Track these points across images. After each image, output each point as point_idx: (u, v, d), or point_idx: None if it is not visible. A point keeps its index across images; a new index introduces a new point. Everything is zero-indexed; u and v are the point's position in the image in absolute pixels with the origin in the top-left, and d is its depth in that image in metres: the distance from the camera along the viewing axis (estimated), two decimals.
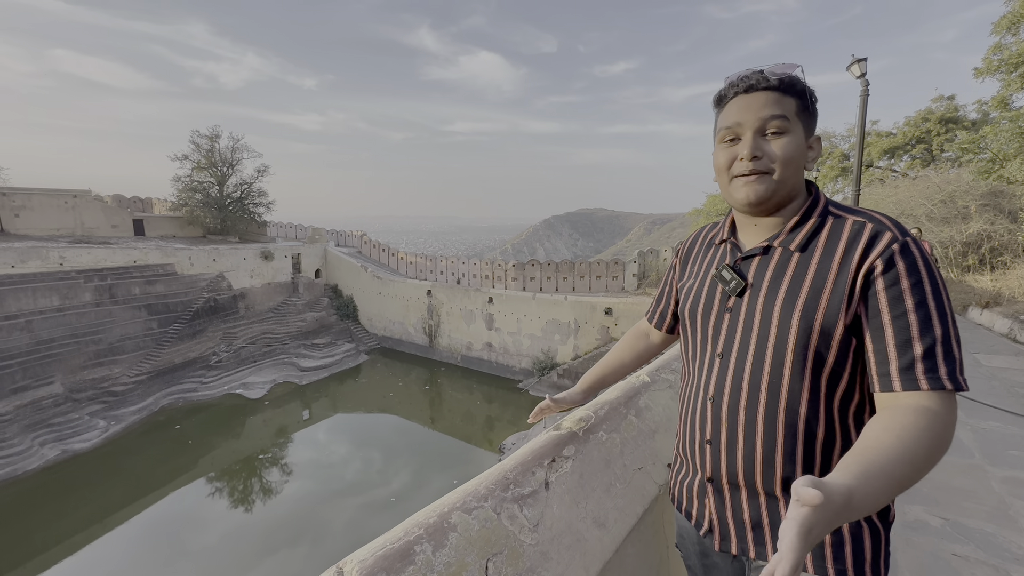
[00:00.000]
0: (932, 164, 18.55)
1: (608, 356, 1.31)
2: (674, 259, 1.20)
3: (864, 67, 7.14)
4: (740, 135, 0.87)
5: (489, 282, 27.53)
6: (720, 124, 0.90)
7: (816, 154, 0.90)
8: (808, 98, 0.86)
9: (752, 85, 0.85)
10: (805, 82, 0.86)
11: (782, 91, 0.84)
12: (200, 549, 13.53)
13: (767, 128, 0.85)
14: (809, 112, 0.87)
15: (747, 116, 0.85)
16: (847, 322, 0.81)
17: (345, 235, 35.83)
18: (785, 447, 0.86)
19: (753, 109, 0.85)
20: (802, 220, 0.89)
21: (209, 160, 29.40)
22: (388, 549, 0.80)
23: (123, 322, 21.64)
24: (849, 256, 0.82)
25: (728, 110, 0.89)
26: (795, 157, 0.85)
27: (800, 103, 0.85)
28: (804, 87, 0.86)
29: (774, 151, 0.85)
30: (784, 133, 0.84)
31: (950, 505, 2.48)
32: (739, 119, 0.86)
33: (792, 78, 0.85)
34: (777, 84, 0.84)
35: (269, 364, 25.59)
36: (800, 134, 0.86)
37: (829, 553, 0.86)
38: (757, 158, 0.85)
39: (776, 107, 0.84)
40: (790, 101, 0.84)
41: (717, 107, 0.93)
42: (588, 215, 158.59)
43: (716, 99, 0.93)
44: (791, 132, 0.84)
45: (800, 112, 0.86)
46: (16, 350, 18.34)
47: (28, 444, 17.06)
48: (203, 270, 25.45)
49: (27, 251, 19.93)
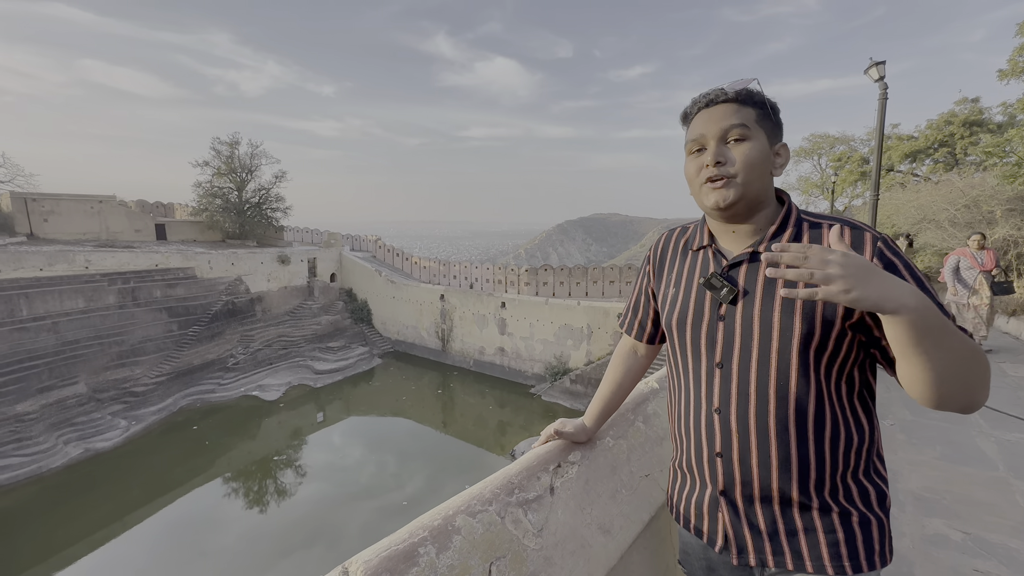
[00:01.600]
0: (955, 168, 18.10)
1: (604, 385, 1.30)
2: (646, 265, 1.18)
3: (882, 70, 7.02)
4: (705, 145, 0.92)
5: (502, 287, 27.58)
6: (688, 138, 0.96)
7: (783, 160, 0.94)
8: (768, 107, 0.91)
9: (712, 99, 0.92)
10: (763, 94, 0.92)
11: (740, 103, 0.90)
12: (218, 550, 13.75)
13: (728, 136, 0.90)
14: (771, 120, 0.92)
15: (710, 127, 0.91)
16: (850, 320, 0.84)
17: (360, 240, 36.29)
18: (799, 451, 0.88)
19: (715, 120, 0.91)
20: (782, 226, 0.93)
21: (229, 166, 30.09)
22: (392, 550, 0.82)
23: (145, 324, 22.19)
24: None
25: (694, 124, 0.95)
26: (758, 161, 0.89)
27: (760, 112, 0.91)
28: (763, 98, 0.92)
29: (736, 156, 0.89)
30: (745, 139, 0.89)
31: (972, 519, 2.41)
32: (703, 131, 0.92)
33: (748, 90, 0.91)
34: (735, 97, 0.90)
35: (284, 367, 25.99)
36: (763, 140, 0.90)
37: (844, 551, 0.88)
38: (720, 163, 0.90)
39: (735, 117, 0.90)
40: (749, 111, 0.90)
41: (684, 124, 0.99)
42: (602, 220, 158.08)
43: (682, 116, 0.99)
44: (752, 138, 0.89)
45: (760, 120, 0.90)
46: (43, 351, 18.93)
47: (53, 442, 17.55)
48: (222, 274, 26.00)
49: (55, 254, 20.59)
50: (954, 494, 2.65)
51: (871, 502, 0.90)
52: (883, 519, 0.91)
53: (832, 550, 0.88)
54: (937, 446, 3.28)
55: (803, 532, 0.90)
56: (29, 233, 23.69)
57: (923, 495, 2.66)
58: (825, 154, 27.33)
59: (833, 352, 0.86)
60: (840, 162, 25.41)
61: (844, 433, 0.88)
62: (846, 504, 0.89)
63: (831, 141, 26.85)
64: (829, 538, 0.89)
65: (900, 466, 3.01)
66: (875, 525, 0.90)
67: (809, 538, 0.90)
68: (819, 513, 0.89)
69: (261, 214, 31.05)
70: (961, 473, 2.91)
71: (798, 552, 0.91)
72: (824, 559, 0.89)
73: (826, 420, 0.87)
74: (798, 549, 0.91)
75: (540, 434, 1.29)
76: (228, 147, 30.20)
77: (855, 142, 25.80)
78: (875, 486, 0.91)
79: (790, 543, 0.91)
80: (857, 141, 25.67)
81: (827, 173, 26.11)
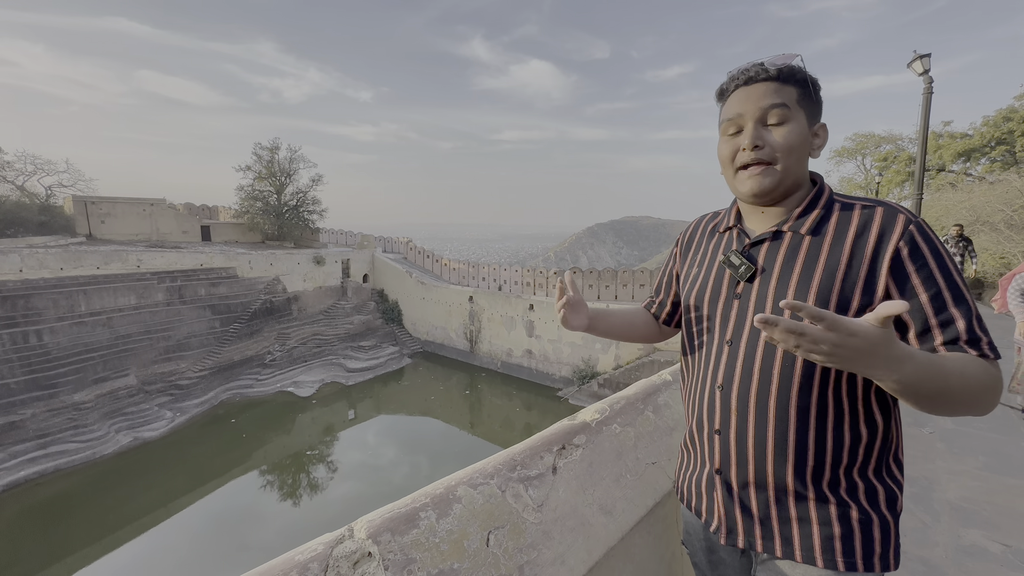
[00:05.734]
0: (1014, 167, 16.97)
1: (621, 310, 1.25)
2: (674, 248, 1.18)
3: (927, 63, 6.69)
4: (742, 126, 0.88)
5: (530, 289, 27.58)
6: (723, 117, 0.92)
7: (821, 141, 0.90)
8: (810, 86, 0.86)
9: (752, 77, 0.86)
10: (805, 70, 0.87)
11: (781, 81, 0.85)
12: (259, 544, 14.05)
13: (768, 117, 0.85)
14: (812, 100, 0.87)
15: (748, 107, 0.86)
16: (866, 303, 0.81)
17: (392, 242, 37.04)
18: (798, 435, 0.85)
19: (753, 99, 0.85)
20: (810, 205, 0.89)
21: (269, 170, 31.32)
22: (395, 513, 0.87)
23: (190, 320, 23.34)
24: (863, 238, 0.82)
25: (730, 102, 0.90)
26: (797, 145, 0.85)
27: (801, 91, 0.86)
28: (805, 76, 0.86)
29: (776, 140, 0.85)
30: (785, 121, 0.84)
31: (1012, 531, 2.28)
32: (740, 110, 0.87)
33: (791, 67, 0.85)
34: (776, 74, 0.85)
35: (318, 364, 26.77)
36: (803, 122, 0.86)
37: (839, 546, 0.85)
38: (759, 147, 0.86)
39: (776, 96, 0.84)
40: (790, 90, 0.85)
41: (720, 100, 0.94)
42: (633, 223, 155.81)
43: (718, 93, 0.94)
44: (793, 120, 0.85)
45: (801, 100, 0.86)
46: (99, 344, 20.18)
47: (106, 431, 18.67)
48: (261, 274, 27.06)
49: (110, 254, 21.94)
50: (996, 505, 2.52)
51: (878, 502, 0.86)
52: (889, 520, 0.86)
53: (825, 543, 0.85)
54: (980, 456, 3.11)
55: (796, 521, 0.88)
56: (88, 234, 25.34)
57: (961, 505, 2.53)
58: (870, 154, 26.12)
59: None
60: (886, 162, 24.24)
61: (850, 426, 0.84)
62: (848, 499, 0.85)
63: (876, 140, 25.64)
64: (824, 531, 0.86)
65: (938, 475, 2.87)
66: (877, 524, 0.85)
67: (802, 527, 0.87)
68: (816, 503, 0.86)
69: (298, 216, 32.17)
70: (1004, 484, 2.75)
71: (789, 540, 0.88)
72: (815, 551, 0.86)
73: (829, 409, 0.84)
74: (789, 537, 0.88)
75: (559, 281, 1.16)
76: (268, 152, 31.45)
77: (902, 141, 24.55)
78: (886, 487, 0.87)
79: (782, 530, 0.89)
80: (904, 140, 24.42)
81: (871, 174, 24.95)
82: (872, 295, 0.80)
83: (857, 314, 0.81)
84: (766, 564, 0.93)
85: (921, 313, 0.78)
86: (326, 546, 0.79)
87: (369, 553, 0.79)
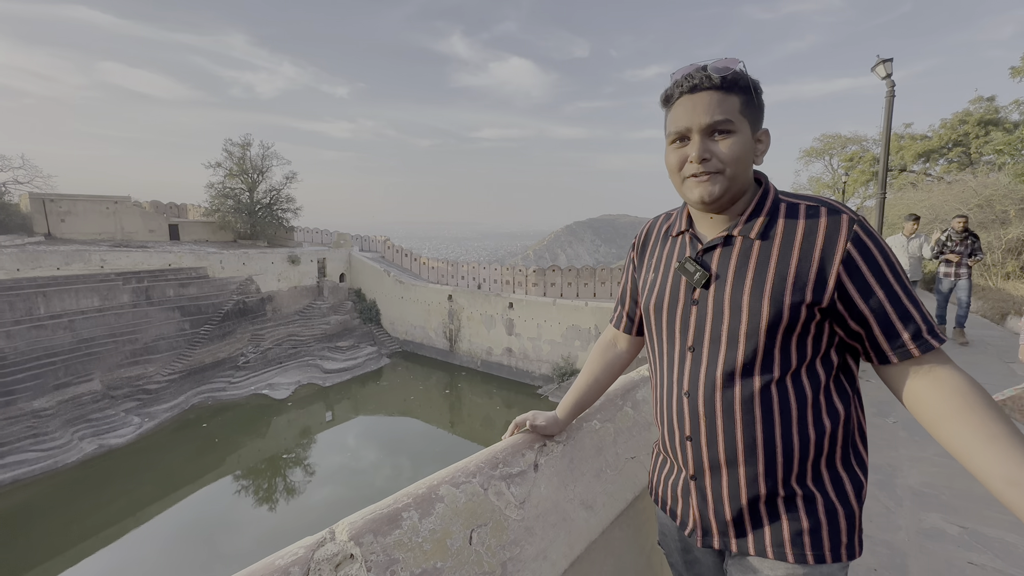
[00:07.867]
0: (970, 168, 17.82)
1: (581, 377, 1.29)
2: (630, 252, 1.18)
3: (889, 68, 6.97)
4: (689, 136, 0.89)
5: (510, 287, 27.61)
6: (669, 127, 0.92)
7: (764, 147, 0.92)
8: (752, 92, 0.88)
9: (696, 85, 0.87)
10: (748, 76, 0.88)
11: (725, 89, 0.86)
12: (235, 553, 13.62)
13: (714, 130, 0.87)
14: (754, 106, 0.88)
15: (694, 119, 0.87)
16: (821, 304, 0.84)
17: (369, 240, 36.53)
18: (765, 435, 0.87)
19: (699, 111, 0.86)
20: (757, 209, 0.91)
21: (240, 167, 30.46)
22: (377, 514, 0.87)
23: (158, 323, 22.54)
24: (811, 240, 0.85)
25: (675, 112, 0.90)
26: (743, 155, 0.87)
27: (744, 99, 0.87)
28: (747, 82, 0.87)
29: (722, 151, 0.86)
30: (731, 133, 0.86)
31: (969, 513, 2.41)
32: (687, 123, 0.88)
33: (735, 75, 0.86)
34: (720, 83, 0.85)
35: (294, 365, 26.22)
36: (747, 131, 0.87)
37: (807, 540, 0.88)
38: (706, 160, 0.87)
39: (720, 110, 0.85)
40: (734, 99, 0.86)
41: (665, 106, 0.94)
42: (611, 221, 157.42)
43: (663, 99, 0.94)
44: (738, 132, 0.86)
45: (744, 109, 0.87)
46: (60, 348, 19.30)
47: (68, 438, 17.89)
48: (233, 273, 26.32)
49: (71, 254, 21.00)
50: (954, 489, 2.65)
51: (845, 492, 0.89)
52: (854, 510, 0.90)
53: (795, 538, 0.88)
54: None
55: (767, 518, 0.91)
56: (47, 233, 24.18)
57: (922, 490, 2.66)
58: (837, 154, 27.05)
59: (801, 335, 0.86)
60: (852, 162, 25.15)
61: (813, 418, 0.87)
62: (815, 490, 0.88)
63: (843, 141, 26.58)
64: (793, 526, 0.88)
65: (900, 462, 3.00)
66: (843, 515, 0.88)
67: (773, 525, 0.90)
68: (784, 500, 0.89)
69: (272, 215, 31.39)
70: (962, 469, 2.88)
71: (761, 538, 0.91)
72: (786, 546, 0.89)
73: (792, 405, 0.86)
74: (761, 535, 0.91)
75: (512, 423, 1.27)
76: (240, 148, 30.59)
77: (867, 142, 25.51)
78: (851, 475, 0.90)
79: (754, 529, 0.92)
80: (869, 141, 25.39)
81: (838, 174, 25.85)
82: (823, 293, 0.84)
83: (809, 311, 0.84)
84: (738, 561, 0.96)
85: (881, 308, 0.83)
86: (307, 549, 0.78)
87: (351, 555, 0.78)
